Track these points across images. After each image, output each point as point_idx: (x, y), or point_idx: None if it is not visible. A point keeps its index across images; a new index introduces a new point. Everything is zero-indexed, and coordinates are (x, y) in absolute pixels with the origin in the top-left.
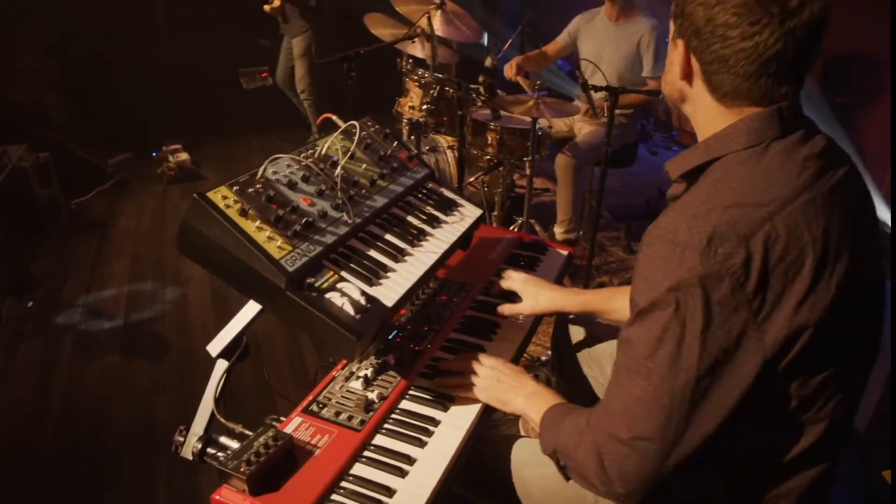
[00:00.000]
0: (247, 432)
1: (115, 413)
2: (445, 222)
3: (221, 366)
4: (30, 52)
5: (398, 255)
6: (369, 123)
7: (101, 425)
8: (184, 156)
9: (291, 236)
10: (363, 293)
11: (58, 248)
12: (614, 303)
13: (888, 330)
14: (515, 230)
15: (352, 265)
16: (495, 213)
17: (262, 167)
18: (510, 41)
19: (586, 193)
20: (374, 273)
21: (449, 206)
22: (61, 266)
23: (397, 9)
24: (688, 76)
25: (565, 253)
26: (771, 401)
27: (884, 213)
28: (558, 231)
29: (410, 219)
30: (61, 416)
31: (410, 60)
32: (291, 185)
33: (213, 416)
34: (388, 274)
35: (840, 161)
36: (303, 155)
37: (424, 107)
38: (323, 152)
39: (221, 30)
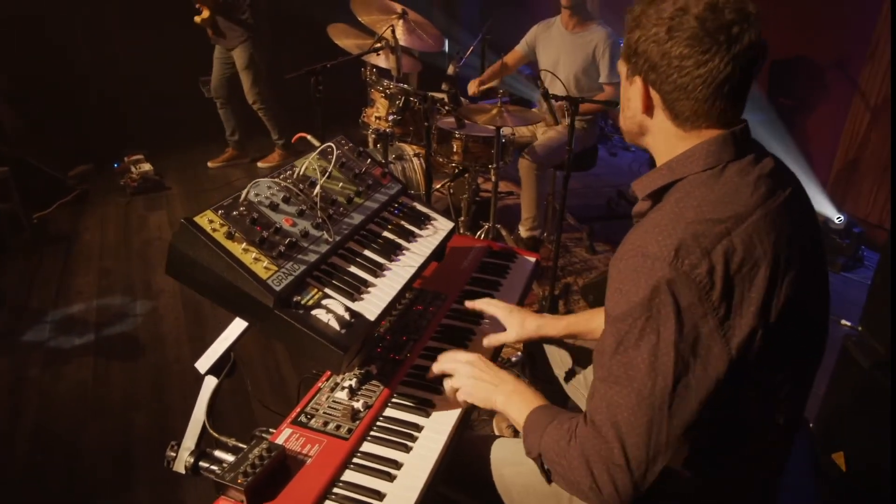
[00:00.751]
0: (240, 445)
1: (90, 430)
2: (420, 236)
3: (211, 382)
4: None
5: (377, 270)
6: (343, 142)
7: (76, 443)
8: (146, 166)
9: (276, 256)
10: (347, 308)
11: (21, 264)
12: (595, 322)
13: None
14: (482, 235)
15: (334, 282)
16: (462, 218)
17: (245, 190)
18: (471, 48)
19: (549, 196)
20: (355, 288)
21: (422, 220)
22: (26, 282)
23: (360, 19)
24: (649, 108)
25: (533, 259)
26: (735, 398)
27: (828, 210)
28: (523, 229)
29: (387, 234)
30: (34, 434)
31: (375, 70)
32: (273, 207)
33: (203, 430)
34: (369, 289)
35: (787, 180)
36: (282, 177)
37: (391, 118)
38: (301, 173)
39: (180, 38)
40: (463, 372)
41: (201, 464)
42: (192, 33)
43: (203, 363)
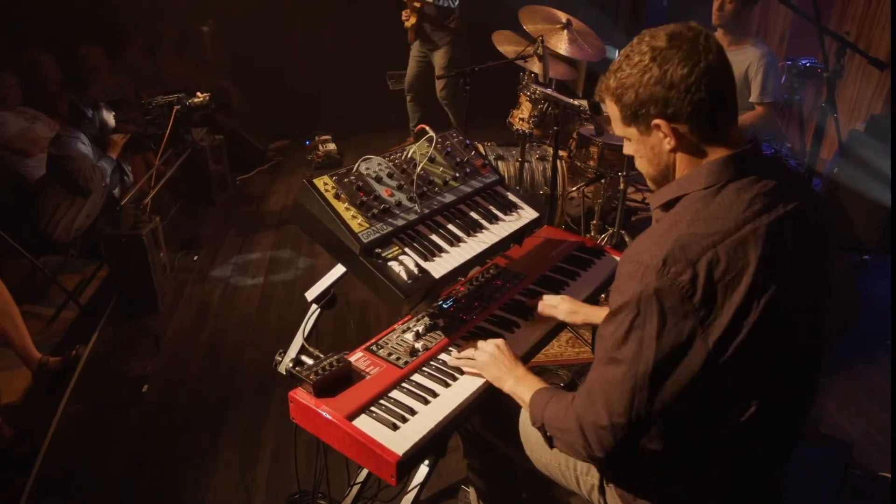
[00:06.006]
0: (320, 355)
1: (246, 352)
2: (502, 220)
3: (314, 309)
4: (210, 50)
5: (454, 241)
6: (454, 135)
7: (235, 359)
8: (331, 146)
9: (370, 217)
10: (417, 265)
11: (221, 216)
12: None
13: None
14: (605, 239)
15: (414, 244)
16: (594, 221)
17: (356, 164)
18: None
19: None
20: (430, 252)
21: (509, 208)
22: (222, 230)
23: (525, 27)
24: (680, 141)
25: (619, 258)
26: (710, 389)
27: None
28: None
29: (473, 214)
30: (207, 349)
31: (532, 75)
32: (378, 179)
33: (303, 345)
34: (442, 254)
35: (792, 198)
36: (392, 157)
37: (531, 120)
38: (409, 156)
39: (370, 38)
40: (487, 350)
41: (295, 368)
42: (380, 34)
43: (311, 293)
